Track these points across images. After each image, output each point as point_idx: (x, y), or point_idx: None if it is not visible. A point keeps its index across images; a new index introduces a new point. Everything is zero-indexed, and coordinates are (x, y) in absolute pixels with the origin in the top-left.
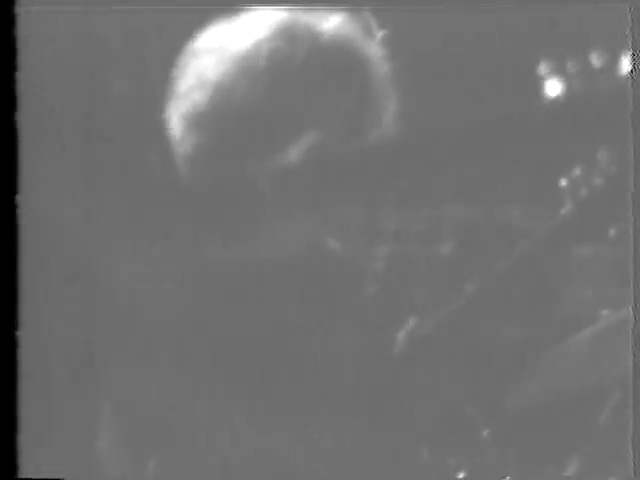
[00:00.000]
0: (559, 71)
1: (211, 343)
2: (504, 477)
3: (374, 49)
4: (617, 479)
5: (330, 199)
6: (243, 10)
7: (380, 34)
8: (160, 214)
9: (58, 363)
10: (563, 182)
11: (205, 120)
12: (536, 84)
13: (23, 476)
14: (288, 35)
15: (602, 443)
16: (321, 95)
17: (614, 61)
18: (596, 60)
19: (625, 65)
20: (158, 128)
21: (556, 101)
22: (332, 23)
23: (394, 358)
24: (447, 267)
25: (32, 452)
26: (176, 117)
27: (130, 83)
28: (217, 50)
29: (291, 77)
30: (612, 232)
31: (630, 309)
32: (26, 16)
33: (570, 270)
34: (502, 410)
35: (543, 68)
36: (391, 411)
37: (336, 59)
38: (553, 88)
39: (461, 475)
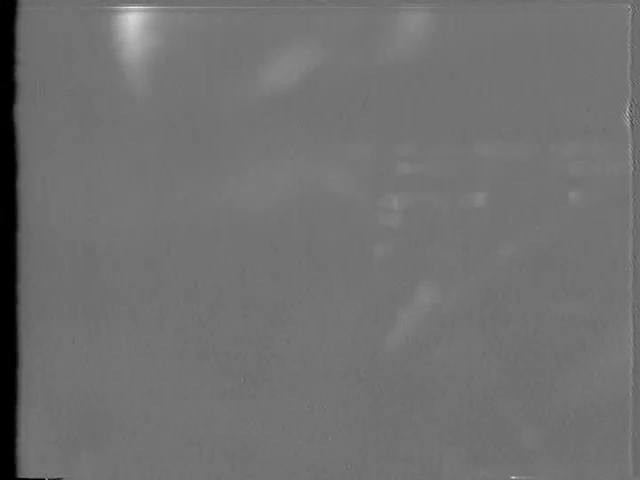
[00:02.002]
0: None
1: (187, 311)
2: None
3: None
4: None
5: (329, 132)
6: None
7: None
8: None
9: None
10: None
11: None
12: None
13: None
14: None
15: None
16: None
17: None
18: None
19: None
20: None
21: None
22: None
23: (407, 341)
24: (480, 223)
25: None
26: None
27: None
28: None
29: None
30: None
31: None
32: (27, 15)
33: None
34: (552, 412)
35: None
36: (403, 414)
37: None
38: None
39: None
